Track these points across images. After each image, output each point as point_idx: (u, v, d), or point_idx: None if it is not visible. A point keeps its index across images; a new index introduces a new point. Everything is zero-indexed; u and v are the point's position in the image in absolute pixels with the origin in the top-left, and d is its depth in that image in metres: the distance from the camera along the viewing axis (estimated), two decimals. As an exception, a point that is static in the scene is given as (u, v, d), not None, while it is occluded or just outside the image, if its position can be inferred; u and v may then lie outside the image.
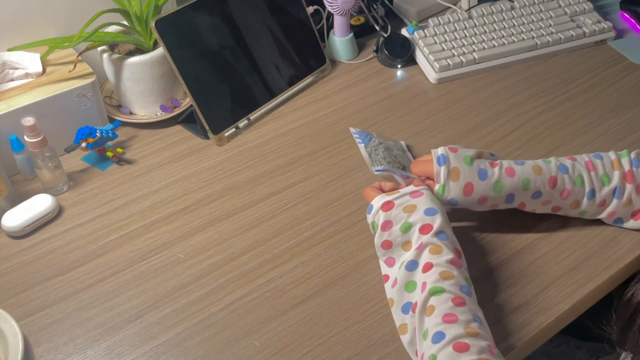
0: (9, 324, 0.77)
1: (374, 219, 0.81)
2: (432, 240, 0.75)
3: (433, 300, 0.70)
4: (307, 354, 0.77)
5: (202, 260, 0.88)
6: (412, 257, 0.75)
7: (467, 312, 0.69)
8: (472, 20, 1.25)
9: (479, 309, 0.72)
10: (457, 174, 0.82)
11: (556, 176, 0.84)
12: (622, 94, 1.14)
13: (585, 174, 0.85)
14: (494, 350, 0.67)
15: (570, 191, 0.85)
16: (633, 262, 0.87)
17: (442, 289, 0.71)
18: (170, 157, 1.04)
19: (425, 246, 0.75)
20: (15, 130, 0.94)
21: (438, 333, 0.67)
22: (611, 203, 0.86)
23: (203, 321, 0.80)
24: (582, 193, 0.85)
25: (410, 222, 0.77)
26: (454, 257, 0.75)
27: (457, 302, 0.69)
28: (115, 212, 0.95)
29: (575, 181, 0.85)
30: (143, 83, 1.04)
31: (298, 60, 1.17)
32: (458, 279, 0.73)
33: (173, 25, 1.00)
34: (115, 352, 0.78)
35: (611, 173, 0.85)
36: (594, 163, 0.86)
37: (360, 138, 0.95)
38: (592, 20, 1.26)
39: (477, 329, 0.67)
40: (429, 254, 0.74)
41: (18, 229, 0.90)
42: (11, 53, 1.00)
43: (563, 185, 0.85)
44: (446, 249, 0.75)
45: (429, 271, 0.73)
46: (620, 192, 0.85)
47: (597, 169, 0.86)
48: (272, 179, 1.00)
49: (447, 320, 0.68)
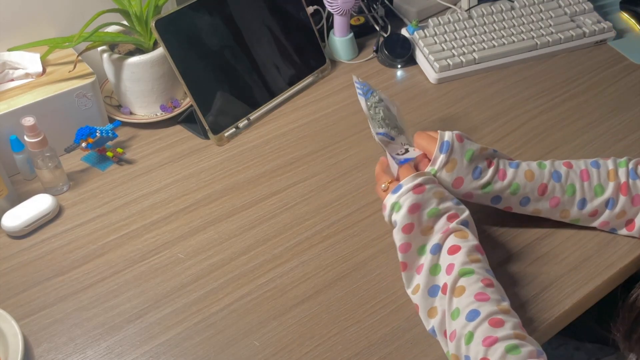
0: (9, 324, 0.77)
1: (399, 199, 0.78)
2: (459, 227, 0.77)
3: (463, 281, 0.72)
4: (307, 354, 0.77)
5: (202, 260, 0.88)
6: (436, 241, 0.76)
7: (497, 292, 0.71)
8: (472, 20, 1.25)
9: (503, 291, 0.74)
10: (454, 166, 0.82)
11: (547, 184, 0.83)
12: (622, 94, 1.14)
13: (577, 183, 0.84)
14: (523, 329, 0.69)
15: (560, 200, 0.84)
16: (633, 262, 0.87)
17: (471, 270, 0.72)
18: (170, 157, 1.04)
19: (452, 231, 0.76)
20: (15, 130, 0.94)
21: (473, 311, 0.69)
22: (603, 214, 0.85)
23: (203, 321, 0.80)
24: (572, 202, 0.84)
25: (439, 209, 0.78)
26: (478, 244, 0.76)
27: (487, 283, 0.71)
28: (115, 212, 0.95)
29: (567, 190, 0.84)
30: (143, 83, 1.04)
31: (298, 60, 1.17)
32: (484, 263, 0.75)
33: (173, 25, 1.00)
34: (115, 352, 0.78)
35: (606, 184, 0.84)
36: (589, 172, 0.85)
37: (362, 90, 0.91)
38: (592, 20, 1.26)
39: (508, 307, 0.70)
40: (455, 238, 0.76)
41: (18, 229, 0.90)
42: (11, 53, 1.00)
43: (553, 193, 0.84)
44: (472, 235, 0.77)
45: (457, 253, 0.74)
46: (613, 203, 0.84)
47: (592, 179, 0.84)
48: (272, 179, 1.00)
49: (480, 298, 0.69)
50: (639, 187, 0.84)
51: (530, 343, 0.67)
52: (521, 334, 0.67)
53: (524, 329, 0.69)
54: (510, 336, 0.66)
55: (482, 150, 0.84)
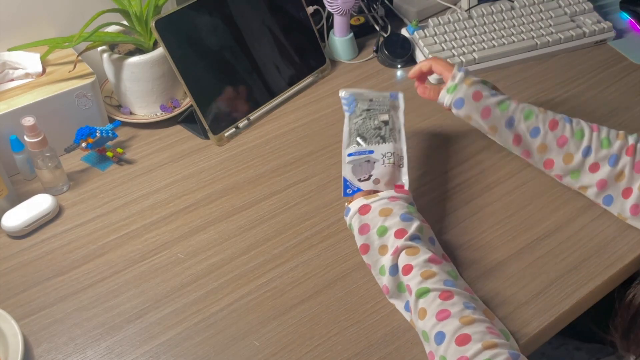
0: (9, 324, 0.77)
1: (350, 221, 0.82)
2: (407, 243, 0.76)
3: (422, 303, 0.72)
4: (307, 354, 0.77)
5: (202, 260, 0.88)
6: (390, 262, 0.76)
7: (458, 303, 0.70)
8: (472, 20, 1.25)
9: (467, 295, 0.73)
10: (471, 81, 0.89)
11: (558, 120, 0.86)
12: (622, 94, 1.14)
13: (587, 130, 0.86)
14: (494, 329, 0.68)
15: (567, 140, 0.86)
16: (633, 262, 0.87)
17: (426, 289, 0.72)
18: (170, 157, 1.04)
19: (402, 249, 0.76)
20: (15, 130, 0.94)
21: (438, 334, 0.68)
22: (603, 168, 0.85)
23: (203, 321, 0.80)
24: (577, 147, 0.86)
25: (385, 226, 0.78)
26: (432, 255, 0.75)
27: (445, 297, 0.71)
28: (115, 212, 0.95)
29: (575, 133, 0.86)
30: (143, 83, 1.04)
31: (298, 60, 1.17)
32: (440, 275, 0.73)
33: (173, 25, 1.00)
34: (115, 352, 0.78)
35: (614, 140, 0.86)
36: (599, 127, 0.87)
37: (347, 105, 0.90)
38: (592, 20, 1.26)
39: (471, 315, 0.69)
40: (406, 256, 0.75)
41: (18, 229, 0.90)
42: (11, 53, 1.00)
43: (562, 131, 0.86)
44: (422, 249, 0.76)
45: (410, 274, 0.74)
46: (615, 160, 0.85)
47: (601, 132, 0.86)
48: (272, 179, 1.00)
49: (441, 317, 0.69)
50: None
51: (502, 347, 0.65)
52: (490, 342, 0.65)
53: (494, 331, 0.68)
54: (479, 350, 0.65)
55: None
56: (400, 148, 0.87)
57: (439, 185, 0.98)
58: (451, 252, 0.87)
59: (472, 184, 0.97)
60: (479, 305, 0.74)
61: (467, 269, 0.85)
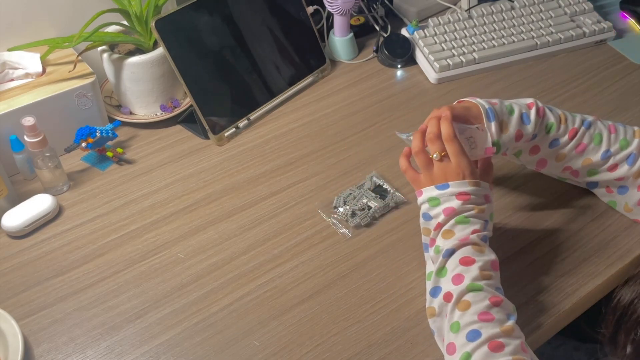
0: (9, 324, 0.77)
1: (441, 197, 0.78)
2: (478, 240, 0.75)
3: (470, 297, 0.71)
4: (307, 354, 0.77)
5: (202, 260, 0.88)
6: (451, 246, 0.75)
7: (503, 311, 0.70)
8: (472, 20, 1.25)
9: (512, 307, 0.72)
10: (506, 125, 0.83)
11: (577, 129, 0.86)
12: (622, 94, 1.14)
13: (605, 133, 0.86)
14: (526, 347, 0.68)
15: (586, 147, 0.86)
16: (633, 262, 0.87)
17: (480, 286, 0.71)
18: (170, 157, 1.04)
19: (471, 243, 0.75)
20: (15, 130, 0.94)
21: (473, 331, 0.68)
22: (622, 168, 0.86)
23: (203, 321, 0.80)
24: (596, 151, 0.86)
25: (469, 220, 0.76)
26: (495, 259, 0.75)
27: (494, 302, 0.70)
28: (115, 212, 0.95)
29: (594, 138, 0.86)
30: (143, 83, 1.04)
31: (298, 60, 1.17)
32: (496, 280, 0.73)
33: (173, 25, 1.00)
34: (115, 352, 0.78)
35: (631, 139, 0.86)
36: (616, 127, 0.87)
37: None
38: (592, 20, 1.26)
39: (512, 326, 0.69)
40: (472, 250, 0.74)
41: (18, 229, 0.90)
42: (11, 53, 1.00)
43: (581, 139, 0.86)
44: (488, 250, 0.76)
45: (470, 266, 0.73)
46: (634, 159, 0.85)
47: (619, 132, 0.86)
48: (272, 179, 1.00)
49: (483, 319, 0.69)
50: None
51: None
52: (520, 359, 0.66)
53: (525, 349, 0.68)
54: None
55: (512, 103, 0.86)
56: None
57: (439, 185, 0.97)
58: (451, 252, 0.87)
59: (472, 184, 0.97)
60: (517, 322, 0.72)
61: (467, 269, 0.85)
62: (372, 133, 1.08)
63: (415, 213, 0.93)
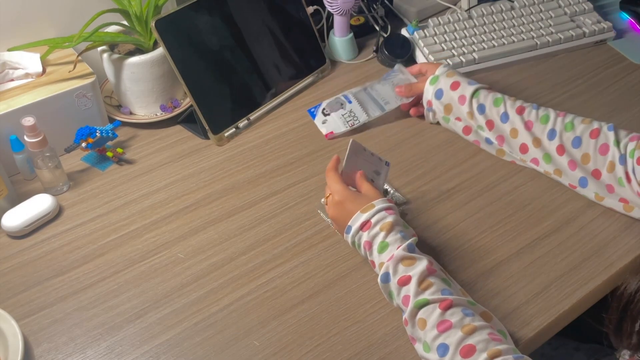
0: (9, 324, 0.77)
1: (354, 239, 0.81)
2: (403, 254, 0.75)
3: (422, 313, 0.71)
4: (307, 354, 0.77)
5: (202, 260, 0.88)
6: (385, 271, 0.75)
7: (457, 312, 0.70)
8: (472, 20, 1.25)
9: (464, 300, 0.72)
10: (453, 73, 1.00)
11: (525, 107, 0.93)
12: (622, 94, 1.14)
13: (552, 115, 0.92)
14: (495, 334, 0.68)
15: (533, 124, 0.92)
16: (633, 262, 0.87)
17: (425, 300, 0.71)
18: (170, 157, 1.04)
19: (398, 261, 0.75)
20: (15, 130, 0.94)
21: (441, 346, 0.68)
22: (568, 151, 0.90)
23: (203, 321, 0.80)
24: (543, 130, 0.92)
25: (386, 241, 0.77)
26: (427, 264, 0.74)
27: (444, 306, 0.70)
28: (115, 212, 0.95)
29: (541, 118, 0.92)
30: (143, 83, 1.04)
31: (298, 60, 1.17)
32: (437, 283, 0.73)
33: (173, 25, 1.00)
34: (115, 352, 0.78)
35: (578, 124, 0.90)
36: (566, 113, 0.93)
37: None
38: (592, 20, 1.26)
39: (472, 324, 0.69)
40: (404, 267, 0.74)
41: (18, 229, 0.90)
42: (11, 53, 1.00)
43: (529, 116, 0.93)
44: (419, 257, 0.75)
45: (408, 284, 0.73)
46: (579, 142, 0.89)
47: (566, 117, 0.92)
48: (272, 179, 1.00)
49: (443, 329, 0.69)
50: (609, 137, 0.88)
51: (506, 353, 0.66)
52: (495, 351, 0.65)
53: (496, 336, 0.68)
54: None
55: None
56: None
57: (438, 185, 0.98)
58: (451, 252, 0.87)
59: (471, 184, 0.97)
60: (476, 309, 0.73)
61: (467, 268, 0.85)
62: (373, 133, 1.08)
63: (416, 212, 0.93)
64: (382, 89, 1.11)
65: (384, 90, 1.10)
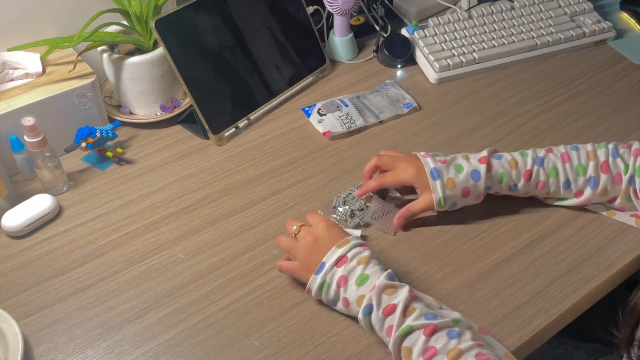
0: (9, 324, 0.77)
1: (325, 278, 0.77)
2: (385, 282, 0.74)
3: (407, 342, 0.71)
4: (307, 354, 0.77)
5: (202, 260, 0.88)
6: (367, 303, 0.73)
7: (442, 337, 0.69)
8: (472, 20, 1.25)
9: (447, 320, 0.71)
10: (453, 183, 0.87)
11: (531, 169, 0.88)
12: (622, 94, 1.14)
13: (559, 165, 0.88)
14: (483, 353, 0.68)
15: (545, 182, 0.89)
16: (633, 262, 0.87)
17: (409, 327, 0.70)
18: (170, 157, 1.04)
19: (381, 291, 0.73)
20: (15, 130, 0.94)
21: None
22: (587, 193, 0.89)
23: (203, 321, 0.80)
24: (556, 184, 0.89)
25: (365, 273, 0.75)
26: (409, 290, 0.73)
27: (429, 332, 0.69)
28: (115, 212, 0.95)
29: (550, 173, 0.88)
30: (143, 83, 1.04)
31: (298, 60, 1.17)
32: (420, 307, 0.72)
33: (173, 25, 1.00)
34: (115, 352, 0.78)
35: (586, 163, 0.88)
36: (569, 154, 0.89)
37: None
38: (592, 20, 1.26)
39: (457, 347, 0.68)
40: (387, 297, 0.73)
41: (18, 229, 0.90)
42: (11, 53, 1.00)
43: (538, 177, 0.88)
44: (400, 285, 0.74)
45: (393, 314, 0.72)
46: (595, 182, 0.88)
47: (572, 160, 0.89)
48: (272, 179, 1.00)
49: (428, 356, 0.68)
50: (619, 165, 0.87)
51: None
52: None
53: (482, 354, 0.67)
54: None
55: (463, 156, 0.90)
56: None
57: (439, 185, 0.97)
58: (451, 252, 0.87)
59: (472, 184, 0.97)
60: (462, 325, 0.72)
61: (467, 269, 0.85)
62: (372, 133, 1.08)
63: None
64: (375, 100, 1.12)
65: (377, 101, 1.11)
